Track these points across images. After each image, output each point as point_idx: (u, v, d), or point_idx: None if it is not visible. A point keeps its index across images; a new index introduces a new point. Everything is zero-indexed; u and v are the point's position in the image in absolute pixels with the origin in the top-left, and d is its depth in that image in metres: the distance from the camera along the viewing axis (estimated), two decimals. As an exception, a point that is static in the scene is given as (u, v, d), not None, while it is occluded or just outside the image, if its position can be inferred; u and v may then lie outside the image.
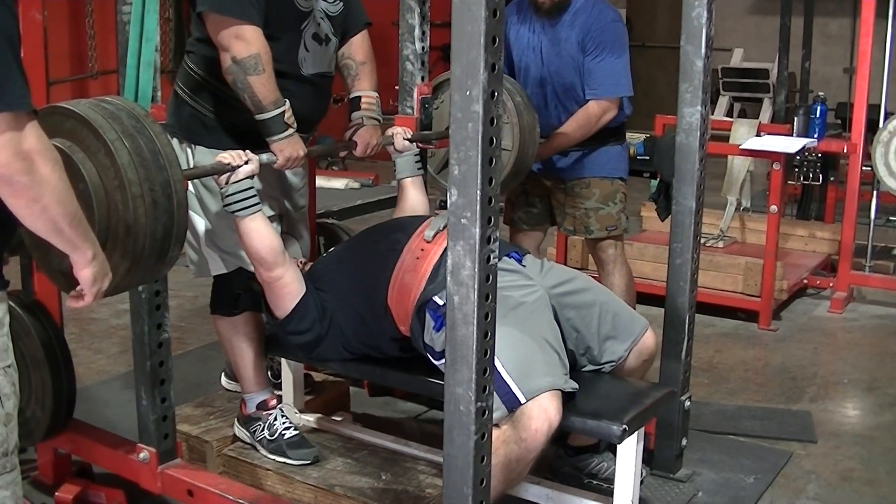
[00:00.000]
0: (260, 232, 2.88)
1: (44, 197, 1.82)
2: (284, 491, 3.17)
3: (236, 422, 3.42)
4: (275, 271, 2.94)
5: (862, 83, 5.60)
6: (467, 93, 1.98)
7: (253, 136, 3.00)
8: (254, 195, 2.85)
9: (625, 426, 2.72)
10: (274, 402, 3.35)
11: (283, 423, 3.30)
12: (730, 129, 6.54)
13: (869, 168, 5.71)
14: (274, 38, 2.99)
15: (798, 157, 6.02)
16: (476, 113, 1.98)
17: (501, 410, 2.62)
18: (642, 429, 2.89)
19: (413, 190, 3.43)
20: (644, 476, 3.32)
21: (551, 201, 4.20)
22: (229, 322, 3.29)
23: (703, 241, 5.18)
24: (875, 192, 6.04)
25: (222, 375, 3.86)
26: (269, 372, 3.82)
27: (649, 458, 3.44)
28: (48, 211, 1.85)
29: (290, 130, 2.98)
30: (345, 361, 3.15)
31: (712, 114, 9.00)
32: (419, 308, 2.87)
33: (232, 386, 3.75)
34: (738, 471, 3.58)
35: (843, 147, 5.77)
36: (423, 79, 3.72)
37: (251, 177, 2.83)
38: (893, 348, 5.07)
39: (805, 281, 5.90)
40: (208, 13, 2.94)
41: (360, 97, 3.32)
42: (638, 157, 8.01)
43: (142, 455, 3.03)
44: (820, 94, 5.94)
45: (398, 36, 3.73)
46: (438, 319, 2.76)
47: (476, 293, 2.06)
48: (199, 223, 3.18)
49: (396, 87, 3.74)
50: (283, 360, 3.53)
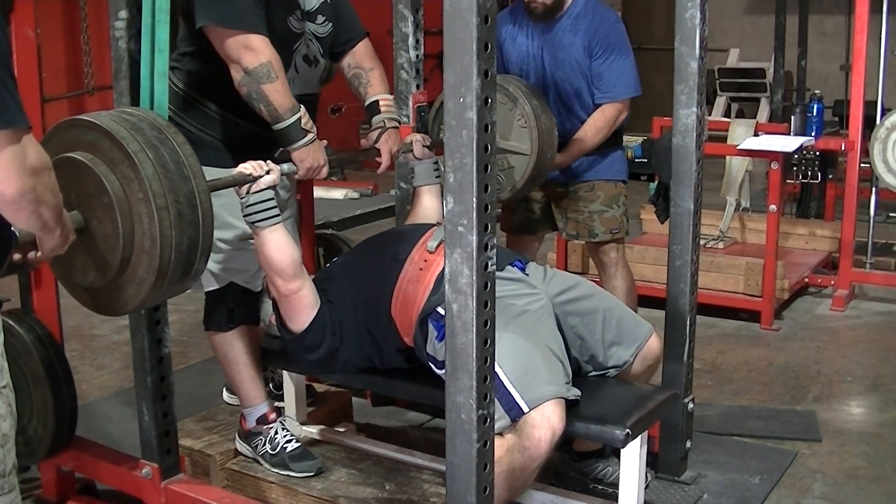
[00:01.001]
0: (281, 243, 2.85)
1: (42, 207, 1.85)
2: (288, 503, 3.16)
3: (237, 437, 3.41)
4: (293, 283, 2.91)
5: (858, 80, 5.60)
6: (461, 100, 1.98)
7: (243, 152, 2.98)
8: (274, 206, 2.82)
9: (628, 430, 2.71)
10: (273, 415, 3.34)
11: (285, 436, 3.29)
12: (727, 130, 6.54)
13: (867, 165, 5.71)
14: None
15: (796, 156, 6.01)
16: (470, 120, 1.97)
17: (504, 419, 2.60)
18: (646, 432, 2.88)
19: (429, 197, 3.41)
20: (649, 480, 3.31)
21: (552, 206, 4.19)
22: (224, 337, 3.27)
23: (703, 242, 5.20)
24: (874, 189, 6.03)
25: (224, 389, 3.86)
26: (270, 384, 3.83)
27: (654, 462, 3.43)
28: (43, 216, 1.88)
29: (310, 136, 2.96)
30: (349, 373, 3.13)
31: (710, 114, 9.03)
32: (422, 319, 2.86)
33: (233, 400, 3.74)
34: (744, 471, 3.57)
35: (840, 144, 5.77)
36: (418, 87, 3.72)
37: (272, 187, 2.81)
38: (896, 345, 5.06)
39: (806, 279, 5.89)
40: (213, 28, 2.90)
41: (377, 101, 3.31)
42: (636, 160, 7.99)
43: (145, 471, 3.02)
44: (816, 92, 5.94)
45: (392, 45, 3.73)
46: (441, 329, 2.75)
47: (474, 301, 2.05)
48: None
49: (392, 96, 3.73)
50: (285, 372, 3.52)
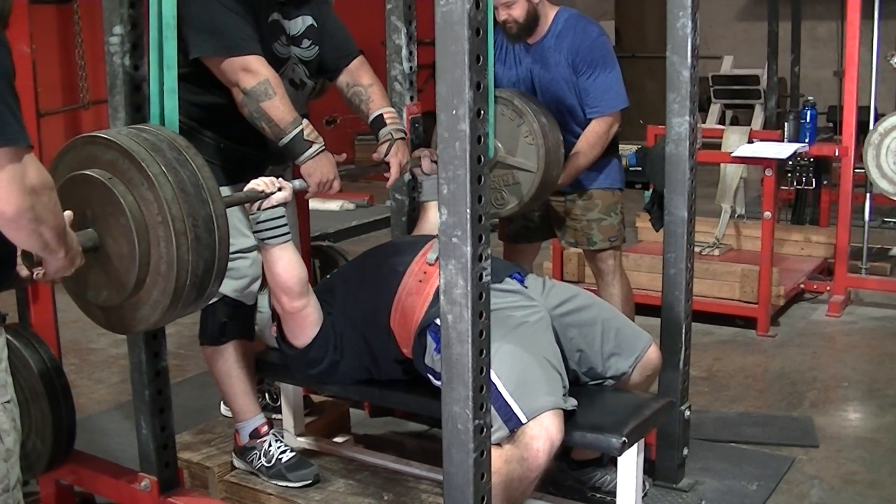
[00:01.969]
0: (289, 261, 2.84)
1: (42, 226, 1.85)
2: (287, 515, 3.17)
3: (233, 453, 3.41)
4: (299, 301, 2.90)
5: (851, 86, 5.61)
6: (453, 112, 1.99)
7: (234, 172, 3.03)
8: (285, 223, 2.81)
9: (624, 438, 2.72)
10: (265, 427, 3.34)
11: (279, 447, 3.30)
12: (721, 137, 6.55)
13: (861, 170, 5.72)
14: None
15: (790, 163, 6.04)
16: (462, 132, 1.98)
17: (503, 430, 2.61)
18: (642, 440, 2.89)
19: (435, 212, 3.39)
20: (647, 488, 3.32)
21: (549, 215, 4.21)
22: (217, 351, 3.28)
23: (698, 249, 5.21)
24: (868, 194, 6.05)
25: (221, 402, 3.86)
26: (266, 396, 3.83)
27: (651, 469, 3.44)
28: (43, 237, 1.88)
29: (316, 146, 2.97)
30: (347, 384, 3.14)
31: (704, 122, 9.05)
32: (421, 331, 2.87)
33: (231, 413, 3.75)
34: (741, 478, 3.57)
35: (834, 150, 5.78)
36: (411, 98, 3.73)
37: (283, 204, 2.81)
38: (892, 350, 5.07)
39: (802, 286, 5.90)
40: (209, 58, 2.94)
41: (381, 115, 3.31)
42: (631, 168, 8.03)
43: (143, 484, 3.03)
44: (810, 98, 5.96)
45: (386, 56, 3.74)
46: (439, 341, 2.76)
47: (469, 311, 2.07)
48: None
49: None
50: (282, 384, 3.53)
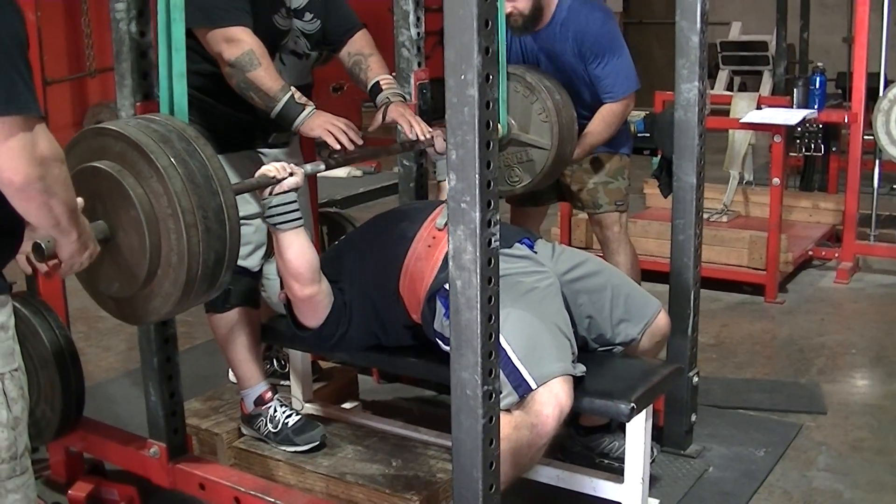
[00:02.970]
0: (300, 246, 2.82)
1: (52, 199, 1.84)
2: (296, 481, 3.18)
3: (241, 421, 3.43)
4: (310, 288, 2.88)
5: (861, 52, 5.57)
6: (462, 77, 1.98)
7: (238, 140, 3.08)
8: (297, 209, 2.79)
9: (633, 404, 2.72)
10: (269, 394, 3.35)
11: (284, 411, 3.31)
12: (730, 104, 6.52)
13: (870, 137, 5.70)
14: None
15: (799, 129, 6.01)
16: (471, 97, 1.97)
17: (512, 396, 2.61)
18: (651, 406, 2.89)
19: None
20: (655, 454, 3.33)
21: (558, 178, 4.19)
22: (222, 318, 3.28)
23: (706, 216, 5.19)
24: (877, 161, 6.02)
25: (229, 370, 3.87)
26: (275, 362, 3.84)
27: (659, 436, 3.45)
28: (53, 210, 1.87)
29: (309, 108, 2.97)
30: (355, 351, 3.14)
31: (712, 88, 9.01)
32: (430, 296, 2.86)
33: (236, 380, 3.76)
34: (749, 444, 3.58)
35: (843, 117, 5.75)
36: (419, 64, 3.71)
37: (295, 189, 2.78)
38: (901, 317, 5.07)
39: (810, 252, 5.89)
40: (197, 29, 2.95)
41: (378, 82, 3.32)
42: (639, 135, 7.99)
43: (152, 450, 3.04)
44: (819, 64, 5.93)
45: (393, 22, 3.72)
46: (449, 307, 2.76)
47: (478, 277, 2.06)
48: None
49: (394, 74, 3.73)
50: (290, 351, 3.53)
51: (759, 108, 6.02)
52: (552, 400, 2.60)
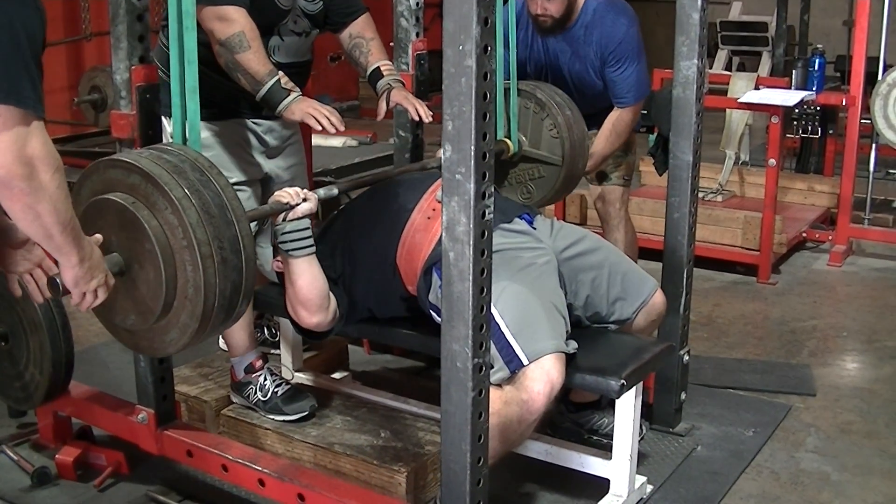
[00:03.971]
0: (311, 274, 2.81)
1: (39, 204, 1.82)
2: (284, 450, 3.18)
3: (231, 389, 3.43)
4: (317, 317, 2.88)
5: (861, 35, 5.56)
6: (460, 47, 1.96)
7: (219, 106, 3.09)
8: (309, 235, 2.77)
9: (623, 381, 2.72)
10: (259, 362, 3.35)
11: (274, 380, 3.31)
12: (728, 83, 6.51)
13: (868, 121, 5.69)
14: None
15: (797, 111, 5.99)
16: (469, 67, 1.96)
17: (504, 371, 2.61)
18: (641, 383, 2.89)
19: None
20: (644, 432, 3.33)
21: None
22: None
23: (701, 195, 5.18)
24: (874, 145, 6.01)
25: (219, 336, 3.86)
26: (266, 331, 3.83)
27: (649, 413, 3.46)
28: (41, 218, 1.84)
29: (294, 94, 2.97)
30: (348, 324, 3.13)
31: (710, 68, 8.97)
32: (427, 268, 2.86)
33: (227, 348, 3.75)
34: (738, 424, 3.59)
35: (841, 100, 5.74)
36: (417, 35, 3.69)
37: (309, 216, 2.76)
38: (893, 301, 5.07)
39: (804, 234, 5.89)
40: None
41: (378, 67, 3.35)
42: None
43: (141, 416, 3.03)
44: (818, 46, 5.90)
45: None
46: None
47: (471, 249, 2.05)
48: None
49: (392, 44, 3.71)
50: (281, 318, 3.53)
51: (757, 88, 6.01)
52: (543, 377, 2.60)
